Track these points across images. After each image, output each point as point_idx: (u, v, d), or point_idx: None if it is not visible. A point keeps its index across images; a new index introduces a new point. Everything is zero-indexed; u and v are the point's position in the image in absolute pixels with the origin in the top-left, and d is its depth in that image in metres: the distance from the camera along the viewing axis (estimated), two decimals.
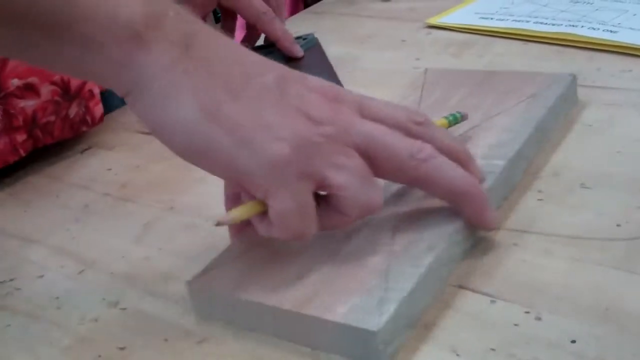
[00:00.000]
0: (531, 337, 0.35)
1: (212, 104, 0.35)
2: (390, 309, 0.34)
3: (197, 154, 0.36)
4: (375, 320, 0.34)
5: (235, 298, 0.38)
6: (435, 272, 0.38)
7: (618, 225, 0.41)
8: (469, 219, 0.40)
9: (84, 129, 0.63)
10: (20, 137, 0.59)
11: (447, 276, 0.39)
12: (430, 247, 0.38)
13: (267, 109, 0.36)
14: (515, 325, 0.35)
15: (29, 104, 0.58)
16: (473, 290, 0.38)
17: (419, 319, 0.37)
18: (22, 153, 0.59)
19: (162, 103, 0.35)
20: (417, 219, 0.41)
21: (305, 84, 0.38)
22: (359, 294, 0.36)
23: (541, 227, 0.42)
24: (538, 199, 0.45)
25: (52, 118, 0.60)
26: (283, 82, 0.37)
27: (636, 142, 0.48)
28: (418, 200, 0.43)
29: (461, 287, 0.39)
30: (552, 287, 0.37)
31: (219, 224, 0.37)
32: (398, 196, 0.43)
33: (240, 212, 0.37)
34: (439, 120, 0.48)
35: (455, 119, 0.48)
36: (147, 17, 0.35)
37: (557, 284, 0.37)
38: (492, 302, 0.37)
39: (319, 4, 0.95)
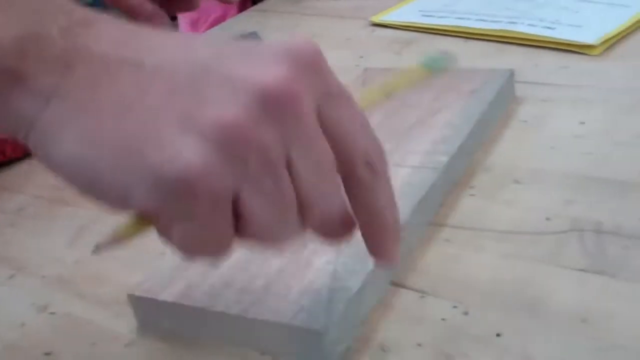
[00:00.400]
0: (458, 331, 0.35)
1: (95, 129, 0.28)
2: (338, 308, 0.34)
3: (90, 189, 0.30)
4: (324, 320, 0.34)
5: (180, 306, 0.37)
6: (382, 270, 0.38)
7: (547, 219, 0.41)
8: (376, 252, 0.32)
9: None
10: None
11: (392, 273, 0.39)
12: None
13: (163, 118, 0.28)
14: (443, 320, 0.36)
15: None
16: (403, 286, 0.38)
17: (366, 317, 0.37)
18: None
19: (46, 143, 0.29)
20: None
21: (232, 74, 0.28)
22: (306, 294, 0.36)
23: (473, 223, 0.42)
24: (470, 195, 0.45)
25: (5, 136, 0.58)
26: (196, 79, 0.28)
27: (569, 138, 0.49)
28: None
29: (392, 282, 0.39)
30: (481, 282, 0.38)
31: (96, 249, 0.30)
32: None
33: (126, 230, 0.30)
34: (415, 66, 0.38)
35: (439, 67, 0.37)
36: (20, 44, 0.29)
37: (485, 279, 0.38)
38: (422, 297, 0.37)
39: (265, 2, 0.95)
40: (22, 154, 0.60)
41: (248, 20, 0.87)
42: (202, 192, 0.27)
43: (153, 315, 0.38)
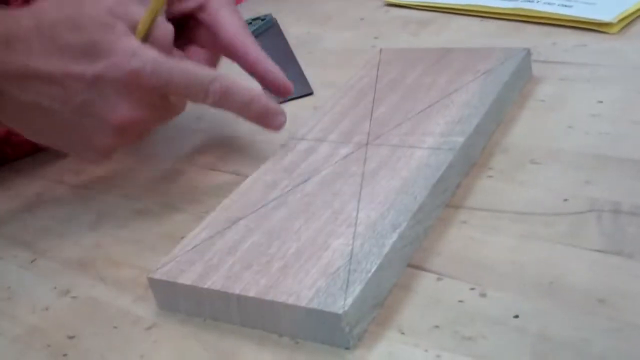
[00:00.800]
0: (475, 313, 0.35)
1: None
2: (356, 290, 0.35)
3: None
4: (341, 302, 0.34)
5: (199, 289, 0.37)
6: (400, 252, 0.38)
7: (565, 200, 0.41)
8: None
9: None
10: None
11: (410, 255, 0.39)
12: (393, 226, 0.38)
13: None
14: (460, 302, 0.36)
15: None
16: (420, 268, 0.38)
17: (385, 299, 0.37)
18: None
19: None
20: (380, 198, 0.41)
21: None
22: (323, 277, 0.36)
23: (490, 204, 0.42)
24: (488, 176, 0.45)
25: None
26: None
27: (587, 117, 0.49)
28: (380, 179, 0.43)
29: (409, 265, 0.39)
30: (498, 263, 0.38)
31: None
32: (360, 176, 0.44)
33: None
34: None
35: None
36: None
37: (503, 260, 0.38)
38: (439, 279, 0.38)
39: None
40: (23, 154, 0.60)
41: (262, 2, 0.87)
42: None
43: (172, 298, 0.39)
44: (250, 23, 0.75)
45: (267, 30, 0.75)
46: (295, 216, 0.41)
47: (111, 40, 0.43)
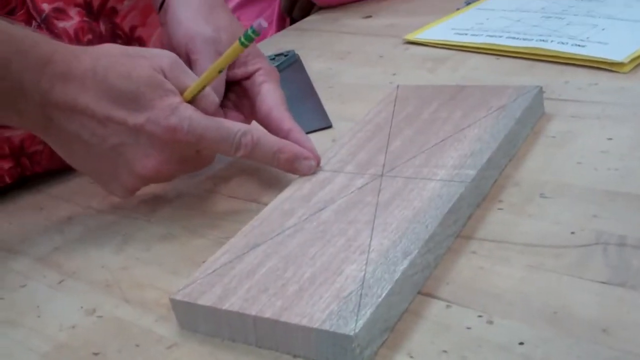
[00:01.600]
0: (482, 339, 0.36)
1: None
2: (367, 314, 0.36)
3: None
4: (352, 325, 0.36)
5: (218, 310, 0.39)
6: (410, 278, 0.40)
7: (572, 233, 0.43)
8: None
9: None
10: (7, 165, 0.60)
11: (421, 282, 0.41)
12: (405, 254, 0.40)
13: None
14: (468, 328, 0.37)
15: (15, 133, 0.60)
16: (430, 296, 0.40)
17: (395, 324, 0.38)
18: (8, 180, 0.61)
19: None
20: (393, 227, 0.43)
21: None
22: (336, 300, 0.38)
23: (499, 235, 0.44)
24: (498, 208, 0.46)
25: (40, 147, 0.61)
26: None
27: (596, 154, 0.50)
28: (393, 209, 0.45)
29: (419, 292, 0.40)
30: (506, 292, 0.39)
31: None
32: (374, 206, 0.45)
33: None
34: (233, 45, 0.48)
35: (249, 37, 0.47)
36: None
37: (510, 290, 0.39)
38: (448, 306, 0.39)
39: (303, 20, 0.97)
40: (42, 169, 0.63)
41: (286, 38, 0.90)
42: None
43: (192, 318, 0.41)
44: (274, 58, 0.78)
45: (289, 65, 0.77)
46: (311, 243, 0.43)
47: (155, 96, 0.48)
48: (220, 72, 0.49)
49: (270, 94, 0.56)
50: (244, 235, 0.45)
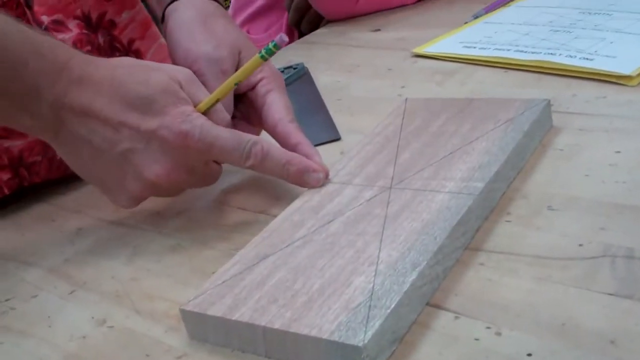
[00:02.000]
0: (490, 351, 0.36)
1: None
2: (375, 325, 0.36)
3: None
4: (361, 336, 0.36)
5: (227, 320, 0.40)
6: (419, 290, 0.40)
7: (580, 246, 0.43)
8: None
9: (71, 171, 0.65)
10: (5, 176, 0.61)
11: (430, 293, 0.41)
12: (413, 265, 0.40)
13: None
14: (476, 340, 0.37)
15: (14, 144, 0.60)
16: (439, 307, 0.40)
17: (404, 335, 0.39)
18: (6, 191, 0.61)
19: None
20: (402, 239, 0.43)
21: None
22: (345, 312, 0.38)
23: (507, 247, 0.44)
24: (506, 221, 0.47)
25: (39, 158, 0.62)
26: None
27: (604, 167, 0.50)
28: (402, 221, 0.45)
29: (428, 303, 0.41)
30: (514, 304, 0.39)
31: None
32: (382, 218, 0.46)
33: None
34: (253, 59, 0.50)
35: (270, 51, 0.48)
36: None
37: (518, 301, 0.39)
38: (456, 318, 0.39)
39: (312, 34, 0.98)
40: (40, 179, 0.63)
41: (295, 51, 0.90)
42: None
43: (202, 329, 0.41)
44: (283, 71, 0.79)
45: (299, 78, 0.78)
46: (320, 254, 0.43)
47: (169, 102, 0.48)
48: (236, 85, 0.51)
49: (275, 105, 0.56)
50: (254, 246, 0.46)
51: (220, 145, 0.48)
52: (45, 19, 0.61)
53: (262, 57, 0.48)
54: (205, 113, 0.50)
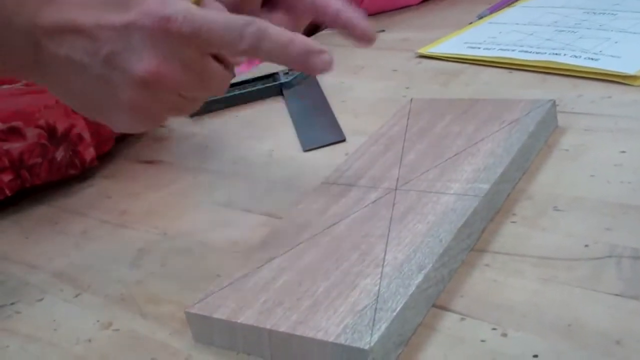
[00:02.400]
0: (496, 352, 0.36)
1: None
2: (381, 328, 0.36)
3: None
4: (367, 339, 0.36)
5: (233, 323, 0.40)
6: (425, 292, 0.40)
7: (586, 246, 0.43)
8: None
9: (72, 172, 0.65)
10: (7, 177, 0.61)
11: (436, 295, 0.41)
12: (419, 267, 0.40)
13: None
14: (482, 341, 0.37)
15: (14, 146, 0.60)
16: (444, 309, 0.40)
17: (410, 337, 0.39)
18: (8, 193, 0.61)
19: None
20: (407, 241, 0.43)
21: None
22: (351, 314, 0.38)
23: (513, 248, 0.44)
24: (512, 222, 0.47)
25: (39, 160, 0.62)
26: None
27: (609, 167, 0.50)
28: (407, 223, 0.45)
29: (434, 305, 0.41)
30: (520, 305, 0.39)
31: None
32: (388, 220, 0.46)
33: None
34: None
35: None
36: None
37: (524, 302, 0.39)
38: (462, 319, 0.39)
39: (316, 35, 0.98)
40: (40, 181, 0.63)
41: None
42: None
43: (207, 331, 0.41)
44: (287, 73, 0.79)
45: (303, 79, 0.78)
46: (326, 256, 0.43)
47: None
48: None
49: None
50: (259, 249, 0.46)
51: (210, 26, 0.42)
52: None
53: None
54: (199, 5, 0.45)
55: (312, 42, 0.45)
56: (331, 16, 0.49)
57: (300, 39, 0.44)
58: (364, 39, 0.50)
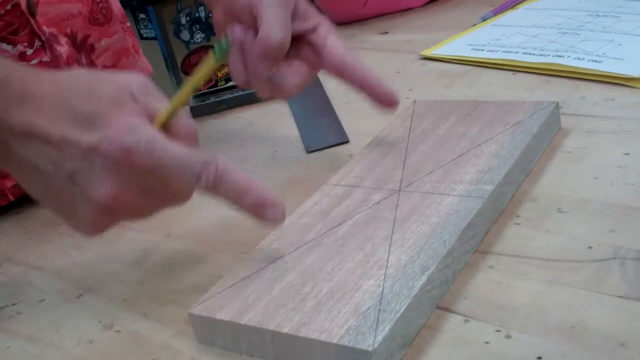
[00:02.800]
0: (500, 354, 0.36)
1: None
2: (385, 329, 0.36)
3: None
4: (371, 340, 0.36)
5: (236, 324, 0.39)
6: (428, 294, 0.40)
7: (589, 248, 0.43)
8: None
9: None
10: (9, 183, 0.61)
11: (439, 297, 0.41)
12: (423, 269, 0.40)
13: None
14: (486, 343, 0.37)
15: None
16: (448, 310, 0.40)
17: (413, 338, 0.38)
18: (11, 198, 0.62)
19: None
20: (411, 242, 0.43)
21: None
22: (355, 316, 0.38)
23: (516, 250, 0.44)
24: (515, 223, 0.46)
25: None
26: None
27: (613, 169, 0.50)
28: (411, 224, 0.45)
29: (437, 307, 0.40)
30: (524, 307, 0.39)
31: None
32: (391, 221, 0.46)
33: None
34: (207, 62, 0.47)
35: (222, 52, 0.46)
36: None
37: (528, 304, 0.39)
38: (466, 321, 0.39)
39: None
40: (20, 195, 0.63)
41: None
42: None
43: (211, 333, 0.41)
44: None
45: None
46: (329, 258, 0.43)
47: (114, 114, 0.43)
48: (194, 91, 0.48)
49: (336, 44, 0.56)
50: (262, 250, 0.46)
51: (167, 162, 0.42)
52: (46, 29, 0.62)
53: (216, 60, 0.46)
54: (166, 124, 0.45)
55: (268, 193, 0.44)
56: (359, 78, 0.54)
57: (257, 188, 0.44)
58: (390, 105, 0.54)
